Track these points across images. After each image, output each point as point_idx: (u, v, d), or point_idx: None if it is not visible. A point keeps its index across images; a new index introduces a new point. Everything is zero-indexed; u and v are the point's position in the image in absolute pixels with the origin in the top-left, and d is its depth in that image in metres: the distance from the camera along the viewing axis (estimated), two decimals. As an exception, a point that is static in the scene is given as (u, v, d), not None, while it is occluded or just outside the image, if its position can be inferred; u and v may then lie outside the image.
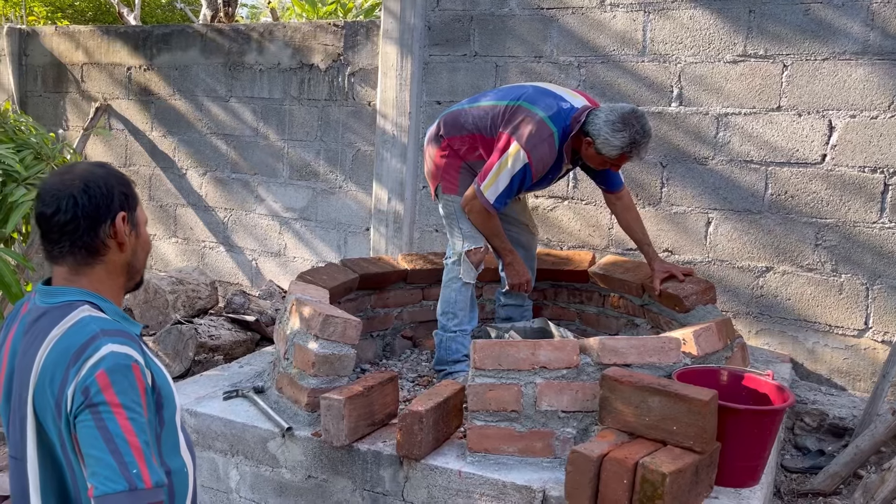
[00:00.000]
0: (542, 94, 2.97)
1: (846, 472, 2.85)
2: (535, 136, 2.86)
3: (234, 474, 2.61)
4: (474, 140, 3.07)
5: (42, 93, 5.61)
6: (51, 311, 1.34)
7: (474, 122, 3.06)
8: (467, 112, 3.11)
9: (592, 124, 2.83)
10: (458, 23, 4.08)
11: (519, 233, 3.45)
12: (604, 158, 2.88)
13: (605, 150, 2.83)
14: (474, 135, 3.06)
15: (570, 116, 2.89)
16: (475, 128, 3.06)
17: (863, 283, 3.33)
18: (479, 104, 3.11)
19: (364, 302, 3.45)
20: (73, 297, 1.35)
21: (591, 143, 2.85)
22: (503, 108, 2.99)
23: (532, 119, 2.88)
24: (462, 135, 3.09)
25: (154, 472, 1.22)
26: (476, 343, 2.31)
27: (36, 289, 1.41)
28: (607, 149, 2.82)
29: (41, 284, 1.42)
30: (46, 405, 1.28)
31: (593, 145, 2.84)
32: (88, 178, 1.37)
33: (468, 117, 3.09)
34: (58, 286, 1.38)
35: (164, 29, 5.16)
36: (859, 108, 3.28)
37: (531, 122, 2.87)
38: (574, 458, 2.01)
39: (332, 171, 4.62)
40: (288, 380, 2.63)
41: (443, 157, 3.16)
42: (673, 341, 2.36)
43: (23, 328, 1.36)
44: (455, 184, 3.14)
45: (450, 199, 3.16)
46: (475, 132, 3.06)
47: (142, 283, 1.50)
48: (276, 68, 4.72)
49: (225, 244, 5.04)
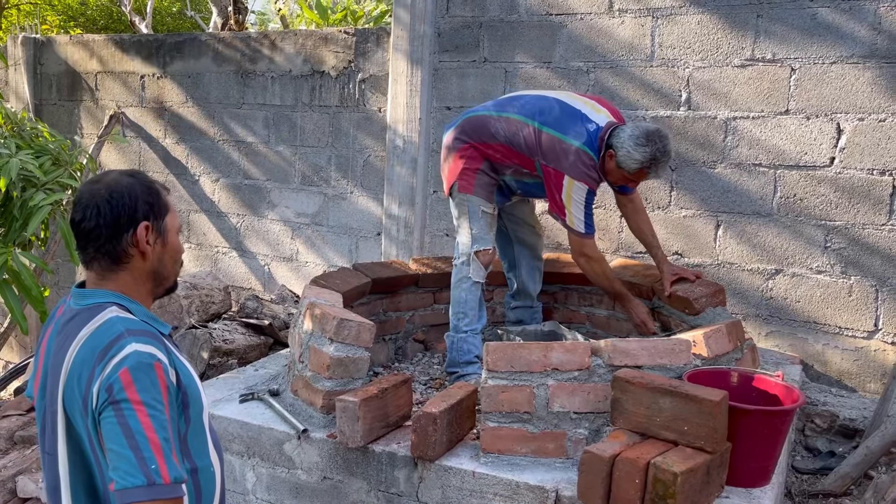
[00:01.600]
0: (569, 115, 3.01)
1: (857, 473, 2.87)
2: (582, 165, 2.94)
3: (250, 476, 2.65)
4: (508, 151, 3.11)
5: (57, 101, 5.68)
6: (81, 312, 1.40)
7: (506, 135, 3.11)
8: (496, 122, 3.14)
9: (617, 137, 2.92)
10: (468, 29, 4.12)
11: (525, 234, 3.49)
12: (623, 173, 2.94)
13: (626, 164, 2.89)
14: (507, 147, 3.11)
15: (597, 137, 2.97)
16: (508, 140, 3.10)
17: (872, 286, 3.35)
18: (506, 115, 3.14)
19: (376, 306, 3.49)
20: (103, 299, 1.41)
21: (612, 155, 2.92)
22: (533, 130, 3.04)
23: (570, 150, 2.95)
24: (495, 143, 3.13)
25: (172, 468, 1.26)
26: (489, 345, 2.34)
27: (71, 292, 1.47)
28: (628, 162, 2.88)
29: (75, 287, 1.47)
30: (75, 402, 1.33)
31: (615, 158, 2.92)
32: (114, 187, 1.42)
33: (498, 128, 3.12)
34: (89, 289, 1.44)
35: (177, 38, 5.22)
36: (867, 111, 3.30)
37: (571, 153, 2.94)
38: (587, 458, 2.03)
39: (343, 177, 4.67)
40: (303, 382, 2.67)
41: (462, 157, 3.19)
42: (683, 343, 2.38)
43: (57, 329, 1.43)
44: (472, 183, 3.17)
45: (464, 199, 3.19)
46: (508, 144, 3.10)
47: (174, 288, 1.55)
48: (287, 75, 4.78)
49: (238, 249, 5.09)
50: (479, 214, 3.19)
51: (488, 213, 3.20)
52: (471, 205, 3.18)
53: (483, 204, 3.18)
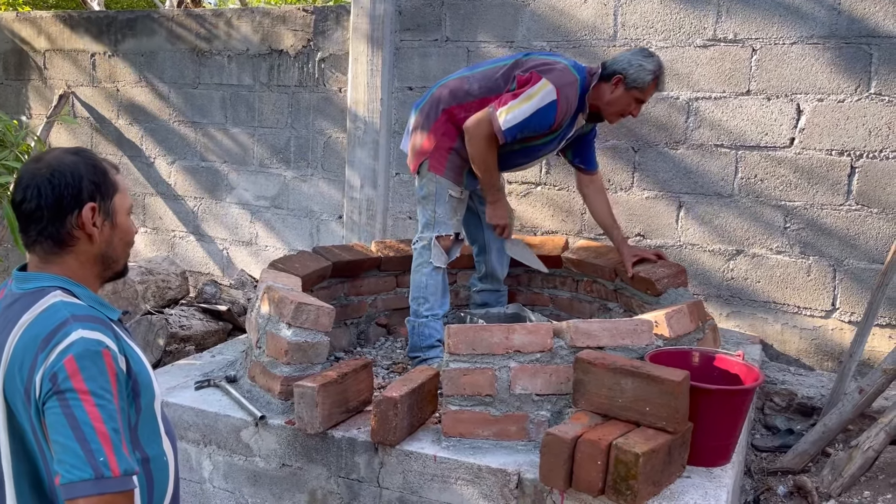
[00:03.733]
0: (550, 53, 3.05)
1: (815, 451, 2.91)
2: (563, 77, 2.86)
3: (206, 464, 2.58)
4: (483, 104, 2.96)
5: (3, 80, 5.47)
6: (23, 296, 1.32)
7: (481, 86, 3.00)
8: (469, 79, 3.05)
9: (619, 62, 2.91)
10: (430, 7, 4.05)
11: None
12: (633, 94, 2.91)
13: (641, 76, 2.88)
14: (483, 98, 2.97)
15: (584, 70, 2.94)
16: (485, 90, 2.98)
17: (830, 266, 3.39)
18: (480, 69, 3.06)
19: (337, 290, 3.42)
20: (46, 282, 1.34)
21: (622, 78, 2.90)
22: (514, 62, 2.96)
23: (555, 64, 2.89)
24: (468, 101, 3.01)
25: (122, 460, 1.20)
26: (450, 328, 2.30)
27: (12, 275, 1.39)
28: (643, 74, 2.87)
29: (16, 271, 1.39)
30: (16, 392, 1.26)
31: (625, 79, 2.89)
32: (56, 166, 1.35)
33: (472, 83, 3.02)
34: (32, 272, 1.36)
35: (129, 15, 5.05)
36: (826, 91, 3.32)
37: (555, 66, 2.88)
38: (548, 440, 2.01)
39: (303, 159, 4.58)
40: (260, 368, 2.61)
41: (435, 133, 3.07)
42: (645, 324, 2.37)
43: None
44: (443, 164, 3.07)
45: (432, 179, 3.08)
46: (485, 95, 2.98)
47: (125, 272, 1.47)
48: (244, 54, 4.65)
49: (195, 233, 4.97)
50: (445, 198, 3.10)
51: (455, 198, 3.12)
52: (439, 186, 3.08)
53: (451, 187, 3.09)
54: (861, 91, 3.26)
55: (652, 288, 2.96)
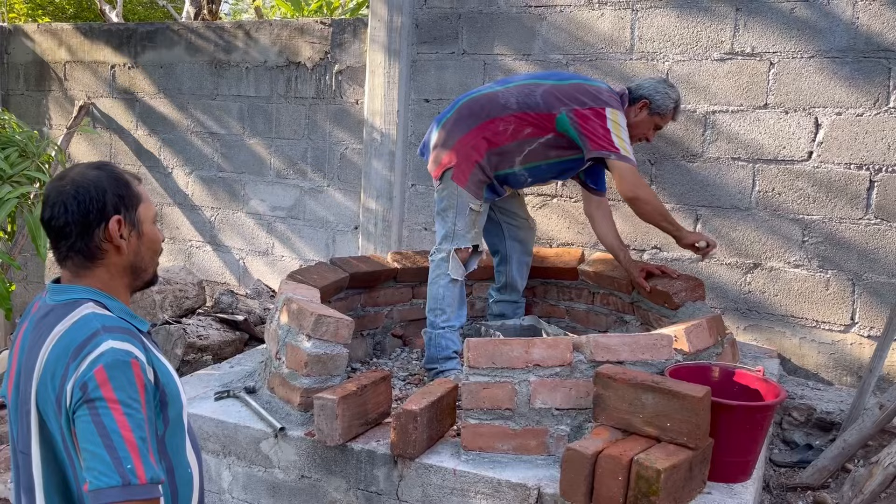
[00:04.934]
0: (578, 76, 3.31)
1: (834, 466, 2.89)
2: (615, 101, 3.06)
3: (226, 475, 2.59)
4: (521, 119, 3.05)
5: (24, 91, 5.53)
6: (56, 308, 1.35)
7: (518, 100, 3.06)
8: (504, 93, 3.10)
9: (645, 88, 3.15)
10: (447, 21, 4.07)
11: (518, 227, 3.46)
12: (654, 120, 3.16)
13: (665, 104, 3.13)
14: (522, 114, 3.05)
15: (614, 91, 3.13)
16: (521, 105, 3.06)
17: (849, 280, 3.37)
18: (514, 84, 3.14)
19: (354, 301, 3.44)
20: (79, 294, 1.36)
21: (646, 104, 3.13)
22: (551, 86, 3.05)
23: (601, 90, 3.07)
24: (506, 114, 3.06)
25: (149, 469, 1.22)
26: (470, 341, 2.31)
27: (47, 287, 1.42)
28: (667, 101, 3.13)
29: (51, 283, 1.43)
30: (48, 400, 1.28)
31: (649, 105, 3.13)
32: (80, 182, 1.37)
33: (509, 97, 3.08)
34: (65, 284, 1.39)
35: (149, 27, 5.11)
36: (845, 105, 3.32)
37: (603, 92, 3.06)
38: (569, 455, 2.01)
39: (319, 170, 4.61)
40: (280, 380, 2.62)
41: (463, 147, 3.09)
42: (665, 338, 2.37)
43: (31, 325, 1.39)
44: (466, 177, 3.09)
45: (454, 190, 3.09)
46: (522, 110, 3.05)
47: (154, 280, 1.50)
48: (262, 66, 4.69)
49: (212, 243, 5.00)
50: (465, 211, 3.11)
51: (475, 211, 3.14)
52: (460, 199, 3.10)
53: (471, 200, 3.11)
54: (880, 105, 3.26)
55: (669, 301, 2.95)
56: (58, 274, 1.45)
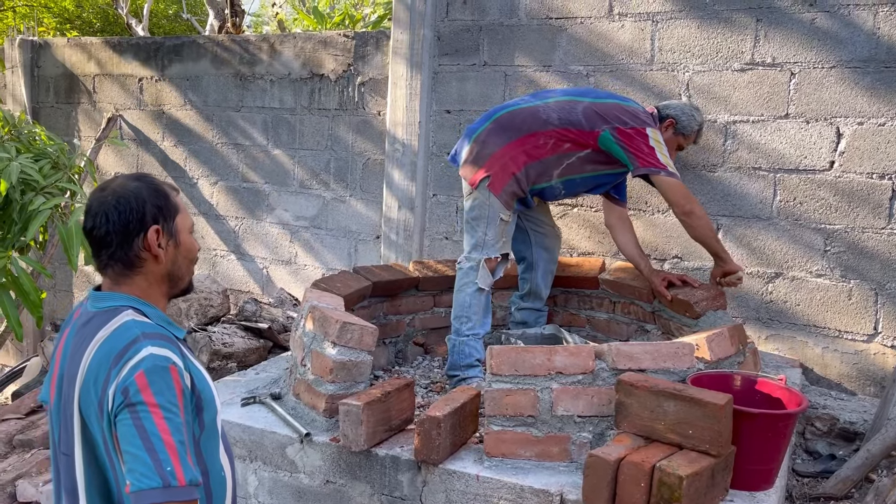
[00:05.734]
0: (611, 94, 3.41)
1: (858, 477, 2.87)
2: (652, 120, 3.17)
3: (252, 480, 2.64)
4: (562, 134, 3.12)
5: (54, 104, 5.67)
6: (98, 315, 1.40)
7: (560, 116, 3.13)
8: (544, 108, 3.17)
9: (672, 108, 3.31)
10: (468, 33, 4.13)
11: (545, 235, 3.49)
12: (678, 140, 3.32)
13: (689, 125, 3.30)
14: (563, 129, 3.12)
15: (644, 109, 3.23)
16: (563, 121, 3.12)
17: (872, 289, 3.36)
18: (553, 99, 3.22)
19: (377, 309, 3.48)
20: (119, 302, 1.41)
21: (672, 123, 3.28)
22: (590, 104, 3.15)
23: (637, 110, 3.18)
24: (548, 129, 3.13)
25: (188, 471, 1.26)
26: (493, 349, 2.34)
27: (88, 295, 1.47)
28: (692, 123, 3.31)
29: (92, 290, 1.48)
30: (91, 404, 1.33)
31: (675, 125, 3.29)
32: (121, 193, 1.43)
33: (550, 112, 3.15)
34: (105, 292, 1.44)
35: (175, 40, 5.22)
36: (867, 115, 3.32)
37: (640, 113, 3.16)
38: (591, 461, 2.03)
39: (342, 180, 4.67)
40: (305, 386, 2.67)
41: (500, 158, 3.13)
42: (686, 346, 2.39)
43: (73, 331, 1.43)
44: (502, 186, 3.13)
45: (487, 198, 3.13)
46: (563, 126, 3.12)
47: (190, 288, 1.55)
48: (286, 79, 4.77)
49: (236, 252, 5.08)
50: (496, 221, 3.16)
51: (504, 221, 3.18)
52: (491, 209, 3.14)
53: (502, 210, 3.15)
54: (902, 114, 3.26)
55: (690, 310, 2.97)
56: (87, 283, 1.50)
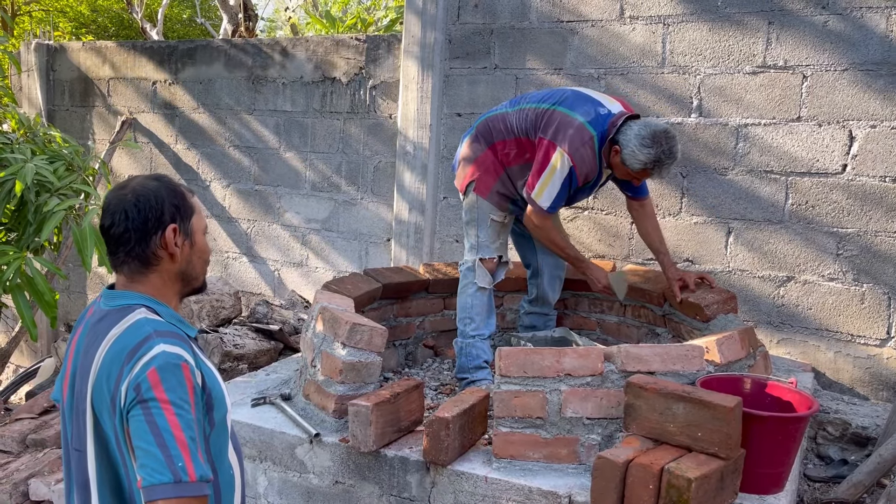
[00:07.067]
0: (581, 99, 3.02)
1: (869, 482, 2.85)
2: (577, 139, 2.92)
3: (262, 480, 2.65)
4: (520, 143, 3.11)
5: (69, 107, 5.72)
6: (111, 313, 1.42)
7: (518, 126, 3.12)
8: (510, 116, 3.16)
9: (624, 134, 2.91)
10: (479, 36, 4.14)
11: None
12: (626, 170, 2.94)
13: (629, 162, 2.89)
14: (520, 138, 3.11)
15: (607, 121, 2.95)
16: (521, 131, 3.11)
17: (885, 293, 3.34)
18: (519, 108, 3.16)
19: (387, 311, 3.49)
20: (132, 300, 1.43)
21: (618, 151, 2.92)
22: (543, 111, 3.05)
23: (573, 123, 2.93)
24: (510, 138, 3.14)
25: (199, 467, 1.28)
26: (502, 350, 2.34)
27: (102, 293, 1.49)
28: (632, 161, 2.88)
29: (106, 289, 1.50)
30: (103, 401, 1.34)
31: (619, 154, 2.91)
32: (140, 192, 1.45)
33: (513, 121, 3.13)
34: (119, 290, 1.46)
35: (189, 44, 5.26)
36: (880, 118, 3.30)
37: (570, 127, 2.93)
38: (600, 463, 2.03)
39: (353, 183, 4.69)
40: (315, 387, 2.68)
41: (482, 164, 3.19)
42: (696, 349, 2.38)
43: (86, 329, 1.45)
44: (488, 188, 3.18)
45: (475, 202, 3.20)
46: (521, 135, 3.11)
47: (203, 288, 1.56)
48: (298, 82, 4.80)
49: (248, 255, 5.11)
50: (487, 222, 3.20)
51: (497, 222, 3.21)
52: (480, 211, 3.19)
53: (493, 211, 3.19)
54: (915, 117, 3.24)
55: (701, 314, 2.96)
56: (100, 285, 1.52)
